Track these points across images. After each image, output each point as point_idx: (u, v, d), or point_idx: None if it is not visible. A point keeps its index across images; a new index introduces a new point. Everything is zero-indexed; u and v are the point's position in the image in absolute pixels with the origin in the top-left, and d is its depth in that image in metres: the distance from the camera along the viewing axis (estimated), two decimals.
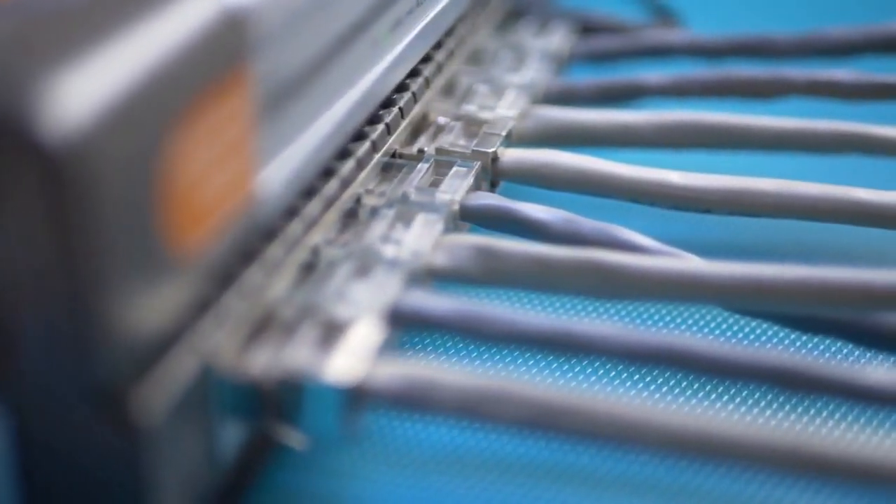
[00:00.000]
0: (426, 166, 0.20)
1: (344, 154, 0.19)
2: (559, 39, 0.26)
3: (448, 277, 0.18)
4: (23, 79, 0.12)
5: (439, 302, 0.16)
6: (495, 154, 0.21)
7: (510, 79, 0.23)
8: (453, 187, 0.19)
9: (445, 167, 0.20)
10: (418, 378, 0.15)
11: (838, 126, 0.21)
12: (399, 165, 0.20)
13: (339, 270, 0.17)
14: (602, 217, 0.19)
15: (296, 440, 0.15)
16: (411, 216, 0.18)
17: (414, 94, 0.21)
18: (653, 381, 0.18)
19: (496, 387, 0.15)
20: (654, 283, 0.17)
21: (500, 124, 0.21)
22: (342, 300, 0.16)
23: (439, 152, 0.20)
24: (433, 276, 0.18)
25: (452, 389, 0.15)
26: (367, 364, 0.15)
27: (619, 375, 0.19)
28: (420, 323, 0.16)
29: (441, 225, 0.18)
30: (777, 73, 0.23)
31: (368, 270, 0.17)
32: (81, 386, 0.13)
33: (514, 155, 0.21)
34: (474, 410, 0.15)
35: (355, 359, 0.15)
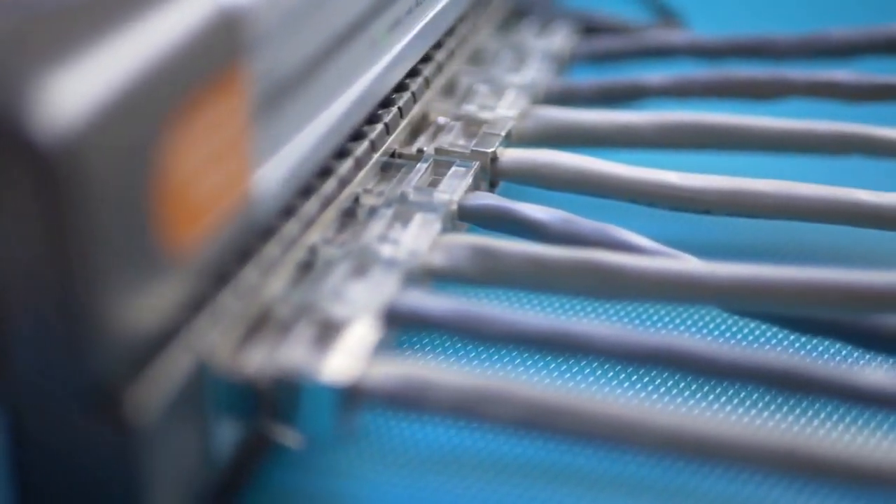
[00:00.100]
0: (425, 166, 0.20)
1: (342, 153, 0.19)
2: (561, 40, 0.26)
3: (445, 277, 0.18)
4: (16, 77, 0.12)
5: (436, 302, 0.16)
6: (494, 154, 0.21)
7: (511, 79, 0.23)
8: (452, 187, 0.19)
9: (444, 167, 0.20)
10: (414, 378, 0.15)
11: (839, 127, 0.21)
12: (398, 165, 0.20)
13: (337, 270, 0.17)
14: (601, 217, 0.19)
15: (291, 439, 0.15)
16: (409, 216, 0.18)
17: (413, 94, 0.21)
18: (650, 382, 0.18)
19: (492, 387, 0.15)
20: (652, 284, 0.17)
21: (500, 124, 0.21)
22: (339, 299, 0.16)
23: (438, 152, 0.20)
24: (431, 276, 0.18)
25: (448, 389, 0.15)
26: (363, 364, 0.15)
27: (617, 376, 0.19)
28: (417, 323, 0.16)
29: (439, 225, 0.18)
30: (778, 74, 0.23)
31: (366, 270, 0.17)
32: (76, 385, 0.13)
33: (514, 155, 0.21)
34: (470, 410, 0.15)
35: (351, 358, 0.15)
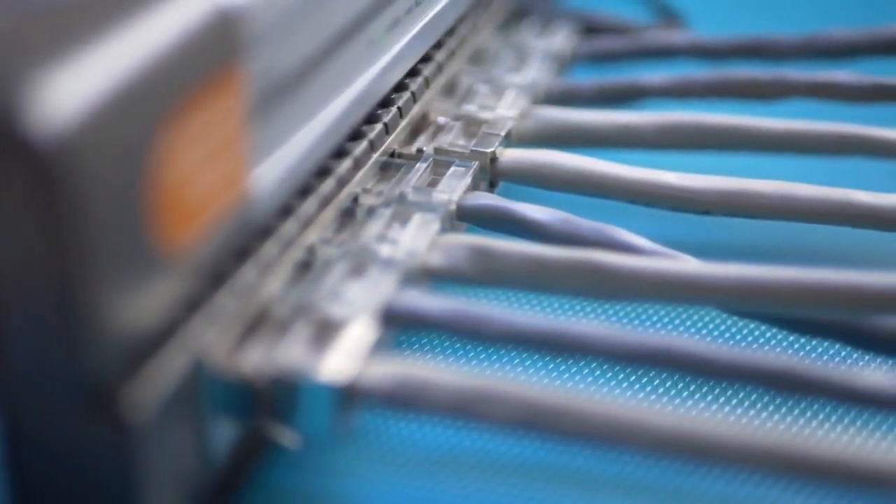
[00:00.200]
0: (424, 166, 0.20)
1: (341, 153, 0.19)
2: (562, 40, 0.26)
3: (444, 277, 0.18)
4: (13, 76, 0.12)
5: (434, 302, 0.16)
6: (494, 154, 0.20)
7: (511, 79, 0.23)
8: (451, 187, 0.19)
9: (444, 167, 0.20)
10: (411, 378, 0.15)
11: (839, 128, 0.21)
12: (398, 165, 0.20)
13: (335, 269, 0.17)
14: (600, 218, 0.19)
15: (289, 439, 0.15)
16: (408, 216, 0.18)
17: (413, 94, 0.21)
18: (648, 383, 0.18)
19: (489, 387, 0.15)
20: (651, 285, 0.17)
21: (500, 124, 0.21)
22: (337, 299, 0.16)
23: (438, 152, 0.20)
24: (429, 276, 0.18)
25: (446, 389, 0.15)
26: (361, 363, 0.15)
27: (615, 376, 0.19)
28: (415, 322, 0.16)
29: (437, 224, 0.18)
30: (778, 75, 0.23)
31: (364, 270, 0.17)
32: (72, 384, 0.13)
33: (513, 155, 0.21)
34: (468, 410, 0.15)
35: (349, 358, 0.15)
